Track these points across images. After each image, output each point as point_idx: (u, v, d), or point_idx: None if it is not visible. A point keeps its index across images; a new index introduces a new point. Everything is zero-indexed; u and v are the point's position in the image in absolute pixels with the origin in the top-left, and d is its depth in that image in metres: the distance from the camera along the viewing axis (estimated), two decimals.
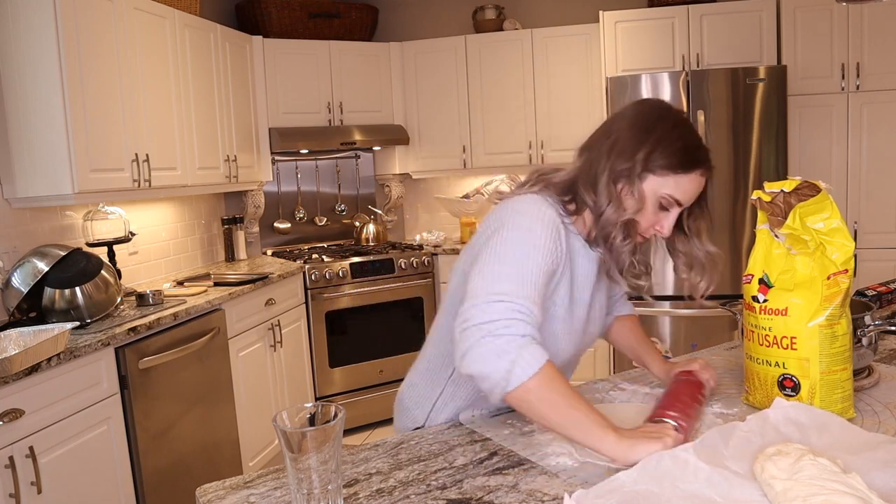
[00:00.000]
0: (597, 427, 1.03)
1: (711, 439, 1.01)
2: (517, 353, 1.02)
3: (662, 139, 1.18)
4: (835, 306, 1.13)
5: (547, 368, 1.03)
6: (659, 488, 0.92)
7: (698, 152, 1.19)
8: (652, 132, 1.18)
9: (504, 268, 1.09)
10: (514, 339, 1.03)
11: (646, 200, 1.19)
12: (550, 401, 1.04)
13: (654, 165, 1.17)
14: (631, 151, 1.18)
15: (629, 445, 1.01)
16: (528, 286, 1.08)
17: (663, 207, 1.20)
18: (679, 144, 1.18)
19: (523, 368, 1.02)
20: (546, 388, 1.03)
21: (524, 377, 1.02)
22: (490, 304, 1.05)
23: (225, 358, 2.98)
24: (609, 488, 0.92)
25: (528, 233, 1.14)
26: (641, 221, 1.21)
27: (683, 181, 1.18)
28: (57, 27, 2.43)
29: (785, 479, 0.88)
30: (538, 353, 1.03)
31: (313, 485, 0.87)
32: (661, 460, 0.96)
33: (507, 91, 4.28)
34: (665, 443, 1.01)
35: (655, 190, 1.19)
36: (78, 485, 2.12)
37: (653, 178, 1.18)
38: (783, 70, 3.57)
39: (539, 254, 1.12)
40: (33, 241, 2.65)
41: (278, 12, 4.12)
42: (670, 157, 1.17)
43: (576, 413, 1.04)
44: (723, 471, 0.95)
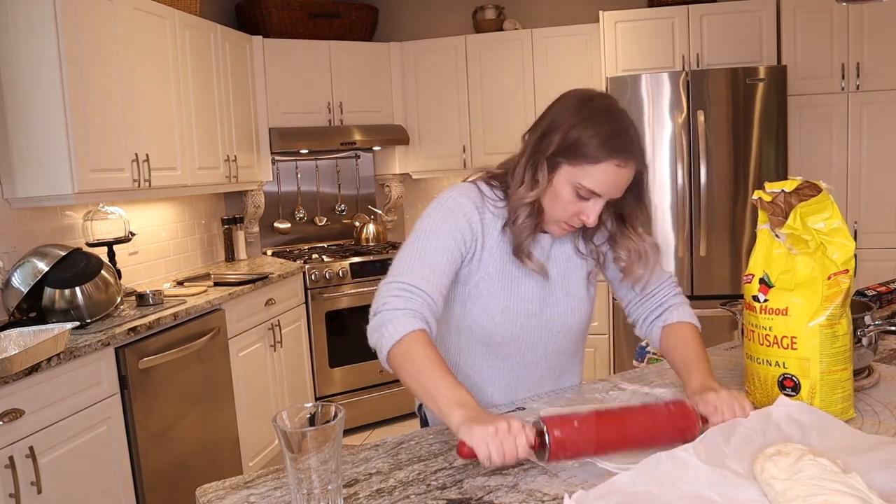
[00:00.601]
0: (443, 400, 1.07)
1: (712, 438, 1.01)
2: (385, 326, 1.16)
3: (575, 127, 1.19)
4: (835, 306, 1.13)
5: (410, 338, 1.13)
6: (659, 489, 0.92)
7: (613, 143, 1.17)
8: (567, 121, 1.20)
9: (402, 255, 1.25)
10: (388, 314, 1.17)
11: (556, 187, 1.22)
12: (406, 369, 1.13)
13: (565, 154, 1.20)
14: (548, 139, 1.22)
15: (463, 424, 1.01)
16: (417, 267, 1.21)
17: (581, 197, 1.22)
18: (591, 133, 1.17)
19: (387, 339, 1.15)
20: (404, 356, 1.13)
21: (388, 346, 1.14)
22: (383, 286, 1.22)
23: (225, 358, 2.98)
24: (608, 489, 0.92)
25: (427, 220, 1.27)
26: (561, 210, 1.25)
27: (596, 172, 1.18)
28: (57, 27, 2.43)
29: (785, 479, 0.88)
30: (405, 324, 1.14)
31: (313, 485, 0.87)
32: (661, 461, 0.96)
33: (507, 91, 4.28)
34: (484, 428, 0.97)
35: (569, 179, 1.21)
36: (78, 485, 2.12)
37: (566, 166, 1.21)
38: (783, 70, 3.57)
39: (435, 238, 1.24)
40: (33, 241, 2.65)
41: (278, 12, 4.12)
42: (580, 146, 1.18)
43: (429, 383, 1.10)
44: (723, 471, 0.95)
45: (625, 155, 1.18)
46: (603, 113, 1.20)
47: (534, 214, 1.27)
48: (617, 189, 1.22)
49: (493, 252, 1.30)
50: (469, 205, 1.28)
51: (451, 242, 1.25)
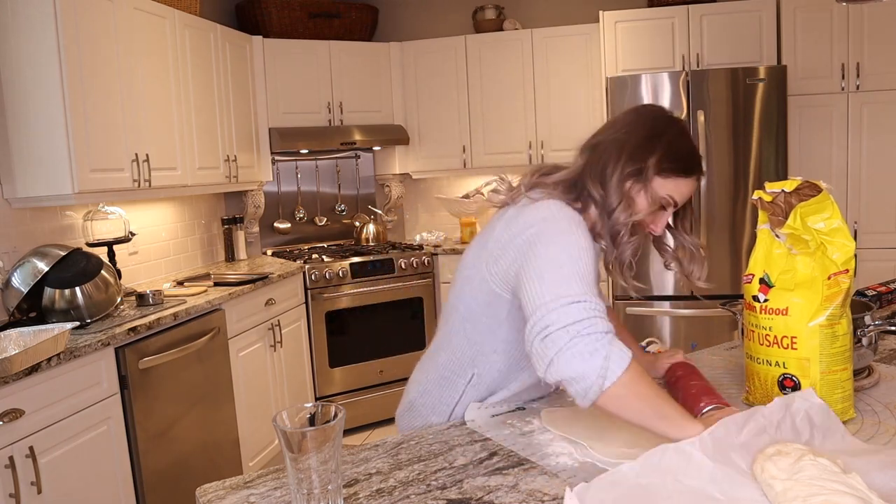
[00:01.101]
0: (686, 420, 1.05)
1: (724, 428, 0.99)
2: (608, 349, 1.03)
3: (671, 144, 1.25)
4: (835, 306, 1.13)
5: (635, 363, 1.05)
6: (661, 482, 0.91)
7: (697, 159, 1.28)
8: (662, 137, 1.25)
9: (564, 271, 1.10)
10: (601, 337, 1.03)
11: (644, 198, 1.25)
12: (643, 395, 1.05)
13: (662, 168, 1.24)
14: (642, 153, 1.24)
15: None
16: (590, 285, 1.10)
17: (662, 207, 1.27)
18: (685, 150, 1.26)
19: (617, 363, 1.02)
20: (638, 382, 1.04)
21: (619, 371, 1.02)
22: (565, 306, 1.05)
23: (225, 358, 2.98)
24: (611, 480, 0.91)
25: (570, 236, 1.16)
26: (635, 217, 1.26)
27: (683, 184, 1.26)
28: (57, 27, 2.43)
29: (785, 479, 0.88)
30: (625, 349, 1.05)
31: (313, 485, 0.87)
32: (665, 454, 0.95)
33: (507, 91, 4.28)
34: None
35: (659, 190, 1.25)
36: (78, 485, 2.12)
37: (659, 179, 1.25)
38: (783, 70, 3.57)
39: (587, 255, 1.15)
40: (33, 241, 2.65)
41: (278, 12, 4.12)
42: (677, 161, 1.24)
43: (666, 407, 1.05)
44: (726, 468, 0.94)
45: (702, 168, 1.29)
46: (683, 130, 1.29)
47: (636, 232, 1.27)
48: (687, 198, 1.30)
49: None
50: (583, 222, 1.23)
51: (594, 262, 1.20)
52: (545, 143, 4.19)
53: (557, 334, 1.03)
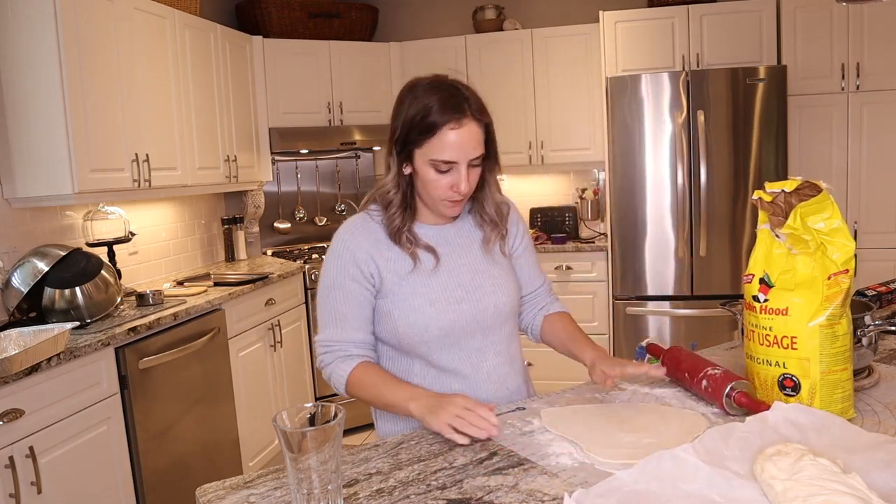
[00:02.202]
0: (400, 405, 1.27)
1: (712, 439, 1.01)
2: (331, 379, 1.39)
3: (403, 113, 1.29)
4: (835, 306, 1.13)
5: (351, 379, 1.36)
6: (659, 488, 0.92)
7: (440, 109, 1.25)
8: (401, 112, 1.30)
9: (319, 311, 1.40)
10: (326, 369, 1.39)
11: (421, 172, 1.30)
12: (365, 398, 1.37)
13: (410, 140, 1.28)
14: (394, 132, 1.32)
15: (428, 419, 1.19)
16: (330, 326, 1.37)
17: (442, 171, 1.28)
18: (416, 111, 1.26)
19: (336, 383, 1.38)
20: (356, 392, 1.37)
21: (342, 390, 1.38)
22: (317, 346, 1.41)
23: (225, 358, 2.98)
24: (609, 487, 0.92)
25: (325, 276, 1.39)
26: (434, 189, 1.31)
27: (437, 142, 1.26)
28: (57, 27, 2.43)
29: (785, 479, 0.87)
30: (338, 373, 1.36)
31: (313, 485, 0.87)
32: (662, 460, 0.96)
33: (507, 91, 4.28)
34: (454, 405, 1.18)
35: (423, 160, 1.29)
36: (78, 485, 2.12)
37: (417, 150, 1.29)
38: (783, 70, 3.57)
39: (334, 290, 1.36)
40: (33, 241, 2.65)
41: (278, 12, 4.12)
42: (415, 126, 1.26)
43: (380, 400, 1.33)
44: (723, 471, 0.94)
45: (454, 115, 1.25)
46: (426, 89, 1.28)
47: (403, 202, 1.35)
48: (469, 149, 1.28)
49: (394, 259, 1.36)
50: (353, 239, 1.36)
51: (352, 284, 1.35)
52: (545, 143, 4.19)
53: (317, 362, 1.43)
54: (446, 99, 1.26)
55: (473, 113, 1.27)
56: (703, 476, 0.93)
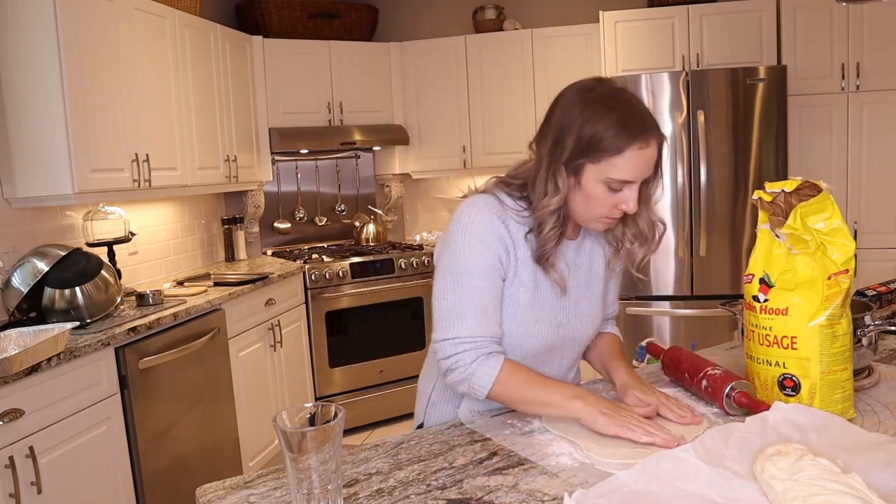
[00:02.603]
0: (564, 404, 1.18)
1: (712, 439, 1.01)
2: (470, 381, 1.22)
3: (586, 125, 1.16)
4: (835, 306, 1.13)
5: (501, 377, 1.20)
6: (659, 488, 0.92)
7: (629, 128, 1.15)
8: (575, 120, 1.18)
9: (446, 303, 1.24)
10: (464, 370, 1.21)
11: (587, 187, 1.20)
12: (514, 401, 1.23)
13: (586, 154, 1.17)
14: (561, 145, 1.20)
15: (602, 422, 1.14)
16: (469, 318, 1.22)
17: (614, 190, 1.20)
18: (604, 126, 1.15)
19: (479, 389, 1.21)
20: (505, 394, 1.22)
21: (483, 394, 1.22)
22: (442, 343, 1.23)
23: (225, 358, 2.98)
24: (609, 487, 0.92)
25: (459, 259, 1.23)
26: (598, 206, 1.22)
27: (622, 161, 1.16)
28: (57, 27, 2.43)
29: (785, 479, 0.87)
30: (485, 372, 1.21)
31: (313, 485, 0.87)
32: (662, 460, 0.96)
33: (507, 91, 4.28)
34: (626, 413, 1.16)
35: (597, 176, 1.19)
36: (78, 485, 2.12)
37: (590, 165, 1.18)
38: (783, 70, 3.57)
39: (475, 278, 1.23)
40: (33, 241, 2.65)
41: (278, 12, 4.12)
42: (598, 142, 1.16)
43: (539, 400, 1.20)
44: (723, 471, 0.95)
45: (644, 135, 1.17)
46: (607, 101, 1.17)
47: (559, 223, 1.24)
48: (647, 170, 1.20)
49: (525, 261, 1.27)
50: (496, 222, 1.24)
51: (492, 274, 1.23)
52: None
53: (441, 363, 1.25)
54: (632, 116, 1.17)
55: (656, 131, 1.19)
56: (703, 476, 0.93)
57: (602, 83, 1.22)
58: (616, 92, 1.20)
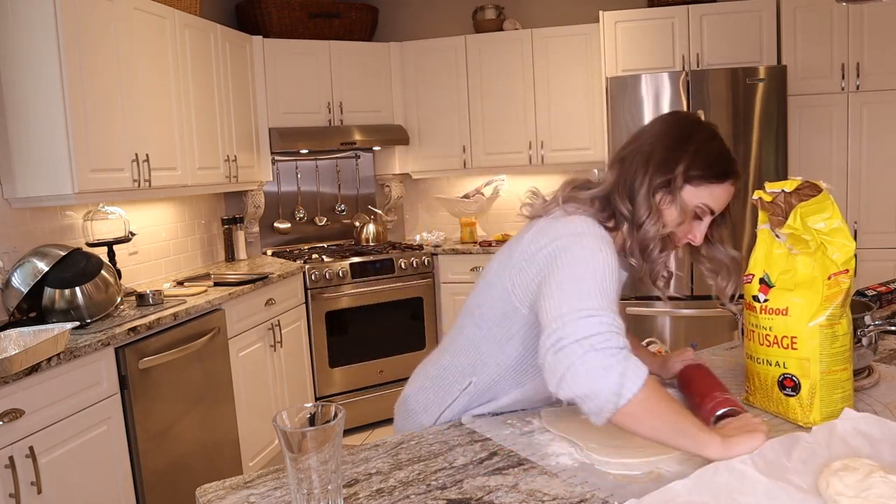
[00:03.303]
0: (703, 433, 1.02)
1: (771, 451, 0.96)
2: (623, 365, 0.99)
3: (700, 151, 1.22)
4: (835, 306, 1.13)
5: (651, 380, 1.02)
6: (714, 500, 0.88)
7: (731, 163, 1.25)
8: (689, 144, 1.23)
9: (584, 286, 1.07)
10: (616, 353, 1.00)
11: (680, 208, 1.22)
12: (660, 412, 1.02)
13: (692, 176, 1.21)
14: (670, 163, 1.22)
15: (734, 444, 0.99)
16: (610, 302, 1.07)
17: (697, 217, 1.24)
18: (715, 156, 1.23)
19: (633, 381, 0.99)
20: (655, 399, 1.01)
21: (635, 389, 0.98)
22: (582, 319, 1.02)
23: (225, 358, 2.98)
24: (663, 498, 0.88)
25: (598, 253, 1.13)
26: (672, 228, 1.24)
27: (717, 191, 1.23)
28: (57, 27, 2.43)
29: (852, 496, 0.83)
30: (641, 365, 1.02)
31: (313, 485, 0.87)
32: (717, 471, 0.92)
33: (507, 91, 4.28)
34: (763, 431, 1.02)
35: (691, 200, 1.23)
36: (78, 485, 2.12)
37: (690, 188, 1.22)
38: (783, 70, 3.57)
39: (611, 273, 1.11)
40: (33, 241, 2.65)
41: (278, 12, 4.12)
42: (707, 168, 1.21)
43: (683, 422, 1.03)
44: (785, 485, 0.90)
45: (738, 173, 1.25)
46: (712, 134, 1.26)
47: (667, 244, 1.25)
48: (724, 205, 1.27)
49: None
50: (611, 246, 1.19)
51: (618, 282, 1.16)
52: (545, 143, 4.19)
53: (571, 348, 1.00)
54: (729, 152, 1.26)
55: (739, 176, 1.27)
56: (762, 489, 0.88)
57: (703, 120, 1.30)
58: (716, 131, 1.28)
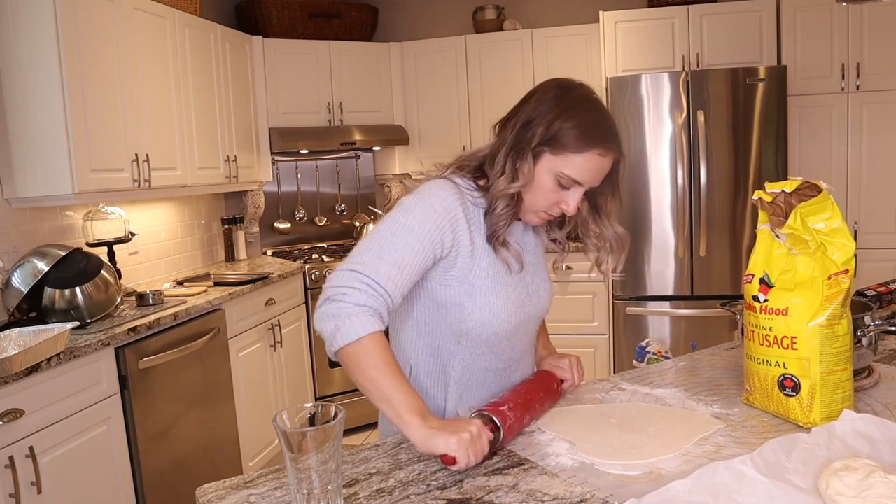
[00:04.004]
0: (403, 408, 1.09)
1: (771, 451, 0.96)
2: (342, 320, 1.12)
3: (558, 118, 1.20)
4: (835, 306, 1.13)
5: (367, 340, 1.11)
6: (714, 500, 0.87)
7: (595, 132, 1.20)
8: (549, 111, 1.21)
9: (371, 243, 1.19)
10: (345, 307, 1.13)
11: (537, 177, 1.23)
12: (362, 370, 1.12)
13: (548, 143, 1.21)
14: (530, 130, 1.22)
15: (429, 435, 1.06)
16: (386, 263, 1.16)
17: (563, 186, 1.23)
18: (573, 123, 1.19)
19: (343, 335, 1.11)
20: (362, 356, 1.12)
21: (342, 343, 1.11)
22: (343, 272, 1.16)
23: (225, 358, 2.98)
24: (663, 498, 0.88)
25: (406, 214, 1.21)
26: (542, 199, 1.25)
27: (578, 160, 1.20)
28: (57, 27, 2.43)
29: (852, 496, 0.83)
30: (365, 324, 1.11)
31: (313, 485, 0.87)
32: (717, 471, 0.92)
33: (508, 91, 4.26)
34: (461, 437, 1.04)
35: (551, 168, 1.22)
36: (78, 485, 2.12)
37: (548, 156, 1.22)
38: (783, 70, 3.57)
39: (411, 236, 1.18)
40: (33, 241, 2.65)
41: (278, 12, 4.12)
42: (563, 136, 1.20)
43: (385, 389, 1.11)
44: (785, 485, 0.89)
45: (607, 144, 1.21)
46: (584, 103, 1.22)
47: (513, 204, 1.26)
48: (597, 177, 1.24)
49: (483, 246, 1.27)
50: (454, 202, 1.23)
51: (428, 244, 1.19)
52: None
53: (323, 292, 1.17)
54: (601, 123, 1.22)
55: (616, 148, 1.23)
56: (762, 490, 0.88)
57: (583, 87, 1.26)
58: (593, 98, 1.25)
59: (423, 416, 1.08)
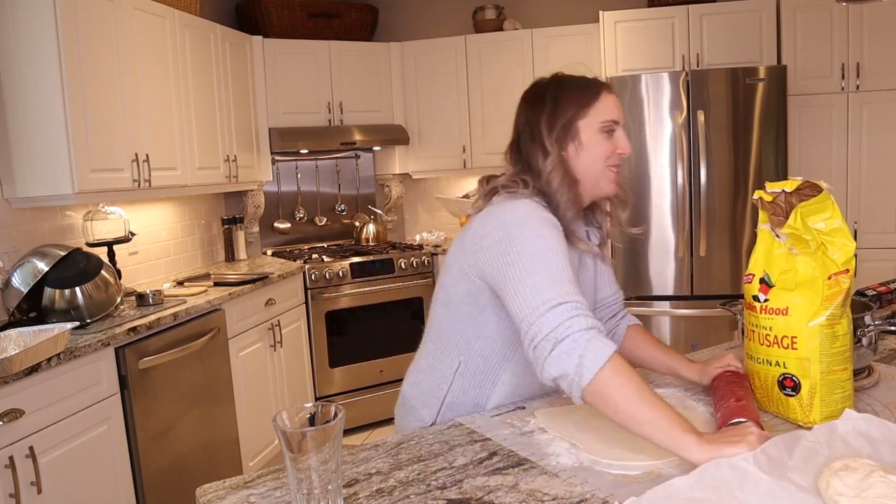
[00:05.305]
0: (676, 428, 1.00)
1: (773, 448, 0.96)
2: (584, 347, 1.06)
3: (559, 98, 1.31)
4: (835, 306, 1.13)
5: (616, 359, 1.05)
6: (716, 497, 0.88)
7: (591, 83, 1.34)
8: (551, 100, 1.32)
9: (537, 277, 1.13)
10: (579, 336, 1.07)
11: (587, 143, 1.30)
12: (625, 393, 1.03)
13: (574, 117, 1.30)
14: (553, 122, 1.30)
15: (713, 449, 0.97)
16: (566, 283, 1.13)
17: (608, 132, 1.32)
18: (575, 86, 1.33)
19: (592, 361, 1.04)
20: (619, 378, 1.04)
21: (594, 369, 1.04)
22: (545, 314, 1.09)
23: (225, 358, 2.98)
24: (664, 494, 0.89)
25: (539, 238, 1.18)
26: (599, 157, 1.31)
27: (602, 105, 1.32)
28: (57, 27, 2.43)
29: (852, 496, 0.84)
30: (604, 345, 1.06)
31: (313, 485, 0.87)
32: (719, 468, 0.92)
33: (507, 91, 4.27)
34: (749, 441, 0.96)
35: (591, 125, 1.31)
36: (78, 485, 2.12)
37: (582, 122, 1.31)
38: (783, 70, 3.57)
39: (558, 251, 1.18)
40: (33, 241, 2.65)
41: (278, 12, 4.12)
42: (579, 96, 1.31)
43: (652, 409, 1.02)
44: (786, 483, 0.90)
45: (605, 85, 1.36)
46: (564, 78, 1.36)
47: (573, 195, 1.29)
48: (621, 113, 1.36)
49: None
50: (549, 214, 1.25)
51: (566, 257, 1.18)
52: None
53: (542, 344, 1.09)
54: (585, 78, 1.35)
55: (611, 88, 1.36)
56: (764, 487, 0.88)
57: (544, 77, 1.37)
58: (563, 74, 1.37)
59: (695, 432, 1.01)
